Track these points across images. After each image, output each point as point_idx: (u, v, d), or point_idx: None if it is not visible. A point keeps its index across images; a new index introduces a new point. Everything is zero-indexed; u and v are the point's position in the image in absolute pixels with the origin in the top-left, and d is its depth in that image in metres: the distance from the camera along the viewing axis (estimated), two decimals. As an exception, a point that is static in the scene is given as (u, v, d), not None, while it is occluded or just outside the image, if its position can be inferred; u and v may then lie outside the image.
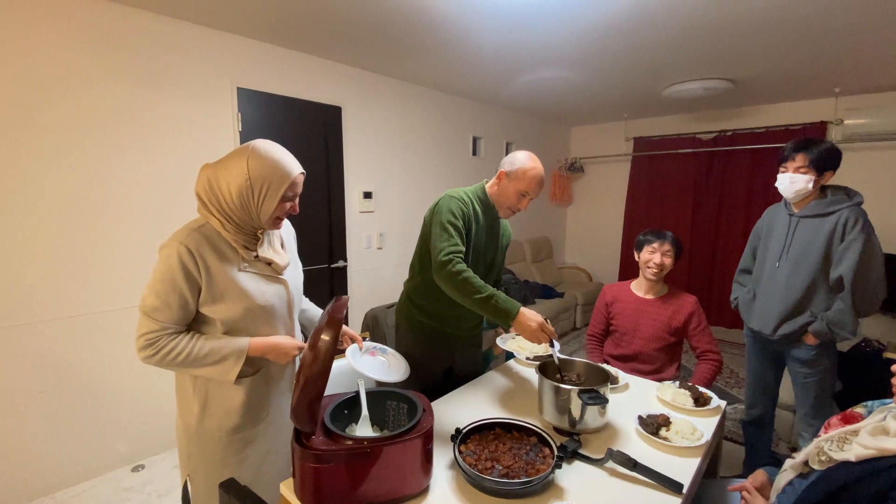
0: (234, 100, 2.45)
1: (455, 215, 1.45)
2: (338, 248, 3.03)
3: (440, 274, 1.39)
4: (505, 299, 1.35)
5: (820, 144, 1.74)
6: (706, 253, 4.53)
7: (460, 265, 1.37)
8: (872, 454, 0.93)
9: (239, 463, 1.18)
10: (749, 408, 2.10)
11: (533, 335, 1.33)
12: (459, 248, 1.41)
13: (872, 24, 2.21)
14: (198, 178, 1.09)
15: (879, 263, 1.68)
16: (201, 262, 1.05)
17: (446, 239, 1.41)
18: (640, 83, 3.40)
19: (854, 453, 0.97)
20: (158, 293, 1.04)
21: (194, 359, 1.06)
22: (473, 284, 1.35)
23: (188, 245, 1.04)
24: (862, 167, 3.59)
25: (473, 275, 1.38)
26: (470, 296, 1.35)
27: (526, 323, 1.32)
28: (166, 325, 1.05)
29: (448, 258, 1.38)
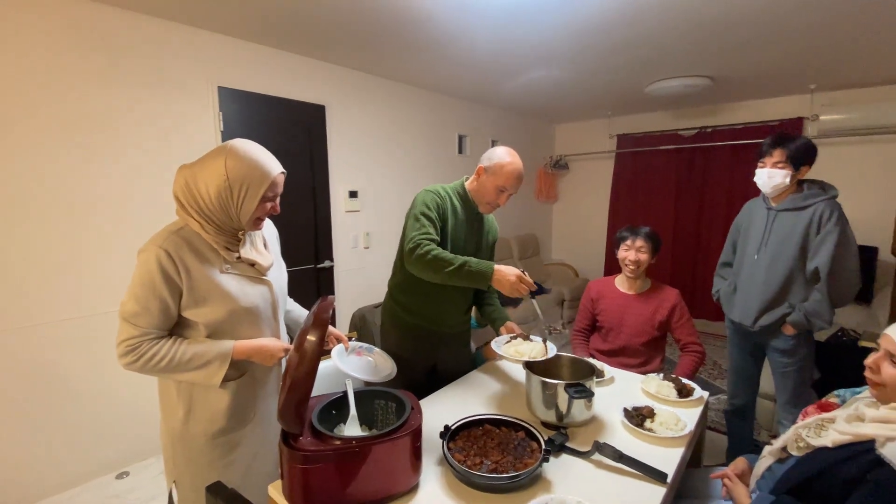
0: (216, 99, 2.41)
1: (428, 207, 1.47)
2: (324, 248, 3.01)
3: (409, 261, 1.40)
4: (478, 262, 1.35)
5: (796, 140, 1.79)
6: (689, 247, 4.62)
7: (428, 246, 1.37)
8: (848, 439, 0.97)
9: (226, 466, 1.17)
10: (731, 398, 2.15)
11: (513, 288, 1.32)
12: (429, 234, 1.41)
13: (845, 23, 2.27)
14: (175, 179, 1.08)
15: (854, 255, 1.73)
16: (181, 265, 1.04)
17: (416, 228, 1.43)
18: (622, 80, 3.44)
19: (830, 439, 1.01)
20: (138, 298, 1.02)
21: (177, 364, 1.05)
22: (444, 259, 1.35)
23: (167, 248, 1.03)
24: (837, 161, 3.69)
25: (442, 251, 1.38)
26: (443, 270, 1.34)
27: (504, 278, 1.32)
28: (147, 330, 1.03)
29: (415, 244, 1.39)
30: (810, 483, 0.99)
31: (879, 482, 0.87)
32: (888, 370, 0.95)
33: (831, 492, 0.94)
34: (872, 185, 3.56)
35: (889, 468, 0.86)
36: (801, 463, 1.05)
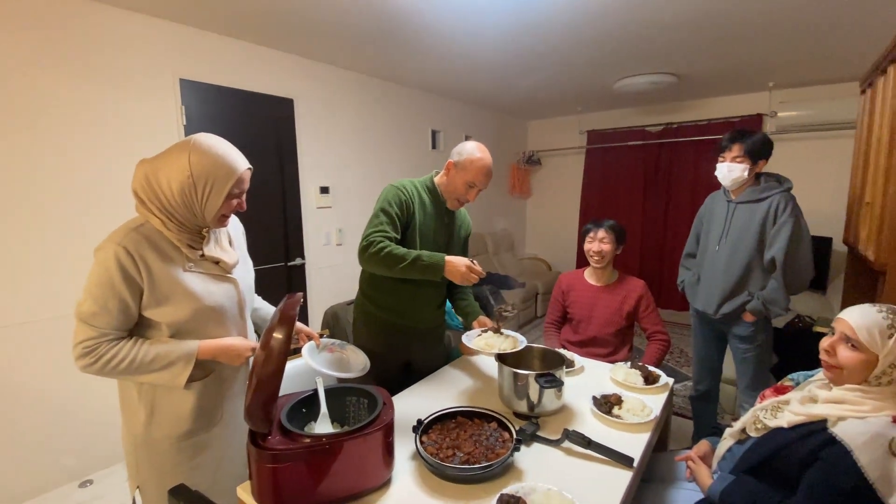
0: (178, 92, 2.33)
1: (390, 203, 1.46)
2: (294, 245, 2.95)
3: (363, 258, 1.42)
4: (430, 255, 1.39)
5: (753, 135, 1.86)
6: (656, 239, 4.76)
7: (381, 243, 1.39)
8: (802, 420, 1.02)
9: (192, 470, 1.14)
10: (696, 384, 2.24)
11: (464, 278, 1.37)
12: (385, 231, 1.42)
13: (800, 24, 2.38)
14: (134, 174, 1.03)
15: (807, 245, 1.81)
16: (141, 263, 1.00)
17: (374, 225, 1.44)
18: (592, 77, 3.50)
19: (786, 420, 1.06)
20: (96, 298, 0.98)
21: (139, 365, 1.01)
22: (397, 254, 1.37)
23: (126, 246, 0.99)
24: (794, 156, 3.86)
25: (395, 245, 1.40)
26: (397, 265, 1.37)
27: (455, 268, 1.37)
28: (106, 331, 1.00)
29: (366, 242, 1.41)
30: (768, 462, 1.05)
31: (830, 459, 0.92)
32: (844, 353, 1.00)
33: (787, 470, 0.99)
34: (826, 179, 3.74)
35: (840, 445, 0.91)
36: (758, 444, 1.10)
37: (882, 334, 0.95)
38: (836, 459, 0.91)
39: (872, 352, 0.96)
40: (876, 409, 0.94)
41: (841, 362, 1.00)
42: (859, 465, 0.88)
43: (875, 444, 0.88)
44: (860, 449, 0.89)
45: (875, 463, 0.87)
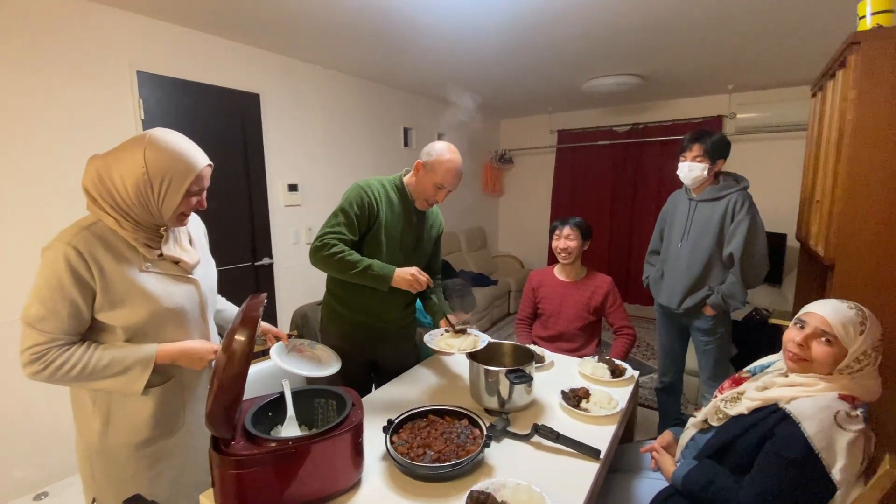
0: (135, 85, 2.23)
1: (351, 203, 1.45)
2: (262, 244, 2.88)
3: (314, 258, 1.43)
4: (381, 266, 1.41)
5: (712, 135, 1.93)
6: (624, 236, 4.89)
7: (335, 247, 1.40)
8: (759, 404, 1.08)
9: (153, 479, 1.09)
10: (661, 376, 2.31)
11: (410, 285, 1.41)
12: (340, 233, 1.42)
13: (757, 29, 2.48)
14: (85, 170, 0.98)
15: (763, 241, 1.90)
16: (94, 263, 0.95)
17: (330, 225, 1.44)
18: (561, 77, 3.55)
19: (745, 406, 1.11)
20: (44, 301, 0.92)
21: (92, 371, 0.96)
22: (349, 260, 1.39)
23: (76, 246, 0.94)
24: (752, 156, 4.04)
25: (349, 251, 1.41)
26: (348, 271, 1.40)
27: (402, 278, 1.40)
28: (55, 335, 0.94)
29: (319, 242, 1.41)
30: (728, 447, 1.10)
31: (781, 432, 0.98)
32: (817, 348, 1.03)
33: (747, 452, 1.04)
34: (781, 178, 3.92)
35: (790, 419, 0.97)
36: (720, 431, 1.15)
37: (855, 330, 1.00)
38: (787, 432, 0.97)
39: (844, 346, 1.01)
40: (826, 389, 1.01)
41: (813, 356, 1.04)
42: (807, 436, 0.93)
43: (822, 416, 0.94)
44: (808, 420, 0.95)
45: (821, 433, 0.93)
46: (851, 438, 0.92)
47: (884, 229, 1.35)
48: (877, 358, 1.02)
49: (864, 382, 1.01)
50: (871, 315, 1.03)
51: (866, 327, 1.01)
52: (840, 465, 0.91)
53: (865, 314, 1.03)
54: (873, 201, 1.36)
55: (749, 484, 0.99)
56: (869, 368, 1.01)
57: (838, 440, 0.92)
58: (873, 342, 1.01)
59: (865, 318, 1.02)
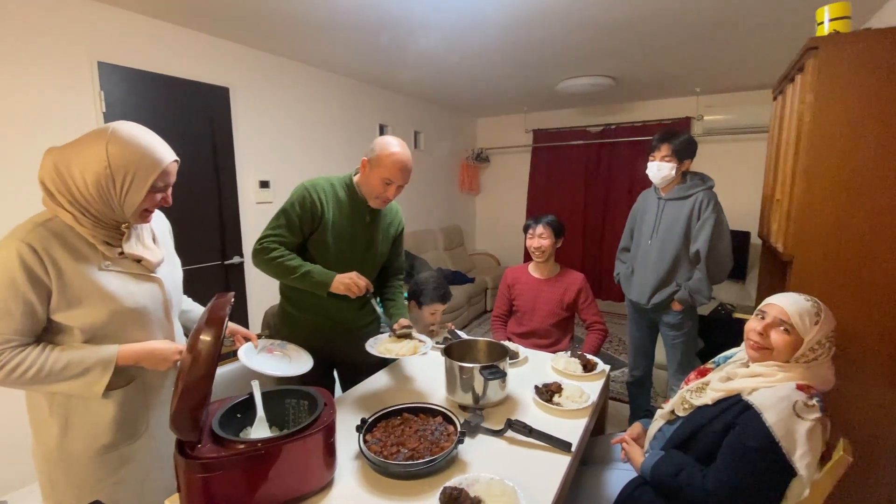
0: (96, 76, 2.13)
1: (293, 204, 1.44)
2: (232, 242, 2.80)
3: (256, 260, 1.43)
4: (321, 272, 1.41)
5: (680, 136, 1.99)
6: (596, 234, 4.99)
7: (275, 251, 1.41)
8: (723, 395, 1.12)
9: (116, 485, 1.05)
10: (631, 370, 2.37)
11: (349, 289, 1.40)
12: (281, 236, 1.42)
13: (722, 33, 2.57)
14: (42, 163, 0.93)
15: (727, 238, 1.97)
16: (49, 261, 0.90)
17: (271, 227, 1.44)
18: (536, 77, 3.60)
19: (710, 396, 1.15)
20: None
21: (48, 373, 0.92)
22: (288, 265, 1.40)
23: (31, 243, 0.89)
24: (718, 156, 4.20)
25: (289, 254, 1.42)
26: (288, 276, 1.41)
27: (340, 282, 1.40)
28: (8, 336, 0.89)
29: (259, 246, 1.42)
30: (694, 437, 1.13)
31: (744, 422, 1.03)
32: (776, 336, 1.10)
33: (711, 441, 1.09)
34: (745, 178, 4.08)
35: (752, 410, 1.02)
36: (686, 421, 1.19)
37: (811, 320, 1.07)
38: (749, 422, 1.01)
39: (801, 335, 1.07)
40: (785, 379, 1.06)
41: (772, 344, 1.10)
42: (767, 426, 0.98)
43: (781, 406, 0.99)
44: (769, 411, 0.99)
45: (781, 422, 0.97)
46: (809, 427, 0.96)
47: (837, 226, 1.43)
48: (830, 349, 1.08)
49: (819, 372, 1.07)
50: (825, 308, 1.10)
51: (821, 318, 1.07)
52: (800, 453, 0.95)
53: (820, 307, 1.09)
54: (828, 200, 1.43)
55: (714, 472, 1.02)
56: (823, 358, 1.07)
57: (797, 429, 0.96)
58: (827, 333, 1.07)
59: (820, 310, 1.09)
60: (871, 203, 1.37)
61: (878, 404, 1.41)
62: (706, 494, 1.01)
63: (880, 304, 1.39)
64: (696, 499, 1.03)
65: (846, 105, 1.38)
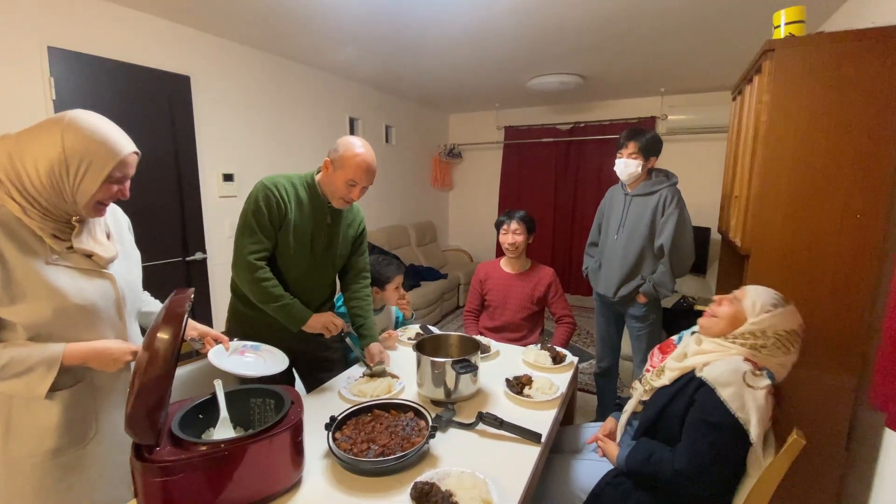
0: (45, 62, 1.99)
1: (259, 206, 1.38)
2: (194, 238, 2.69)
3: (243, 275, 1.41)
4: (301, 308, 1.44)
5: (646, 134, 2.05)
6: (566, 230, 5.08)
7: (262, 271, 1.40)
8: (678, 374, 1.18)
9: (62, 493, 0.99)
10: (599, 361, 2.43)
11: (326, 328, 1.46)
12: (262, 245, 1.40)
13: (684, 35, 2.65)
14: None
15: (689, 234, 2.04)
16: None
17: (248, 235, 1.39)
18: (506, 74, 3.61)
19: (668, 377, 1.20)
20: None
21: None
22: (272, 293, 1.41)
23: None
24: (681, 154, 4.34)
25: (274, 281, 1.42)
26: (268, 303, 1.41)
27: (317, 322, 1.45)
28: None
29: (247, 261, 1.38)
30: (659, 419, 1.18)
31: (701, 399, 1.08)
32: (724, 306, 1.19)
33: (675, 420, 1.13)
34: (706, 175, 4.24)
35: (707, 386, 1.08)
36: (649, 404, 1.23)
37: (762, 308, 1.14)
38: (706, 398, 1.07)
39: (745, 314, 1.14)
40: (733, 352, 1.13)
41: (719, 312, 1.19)
42: (722, 399, 1.04)
43: (732, 379, 1.05)
44: (722, 385, 1.05)
45: (735, 395, 1.03)
46: (760, 395, 1.03)
47: (790, 222, 1.50)
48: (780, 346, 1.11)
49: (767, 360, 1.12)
50: (789, 311, 1.14)
51: (773, 311, 1.13)
52: (753, 422, 1.01)
53: (781, 304, 1.14)
54: (782, 196, 1.50)
55: (681, 451, 1.08)
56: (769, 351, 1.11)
57: (748, 400, 1.03)
58: (777, 328, 1.12)
59: (779, 305, 1.14)
60: (822, 200, 1.45)
61: (827, 389, 1.49)
62: (676, 473, 1.06)
63: (829, 295, 1.47)
64: (668, 479, 1.08)
65: (800, 105, 1.45)
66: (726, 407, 1.03)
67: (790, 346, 1.12)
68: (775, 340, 1.11)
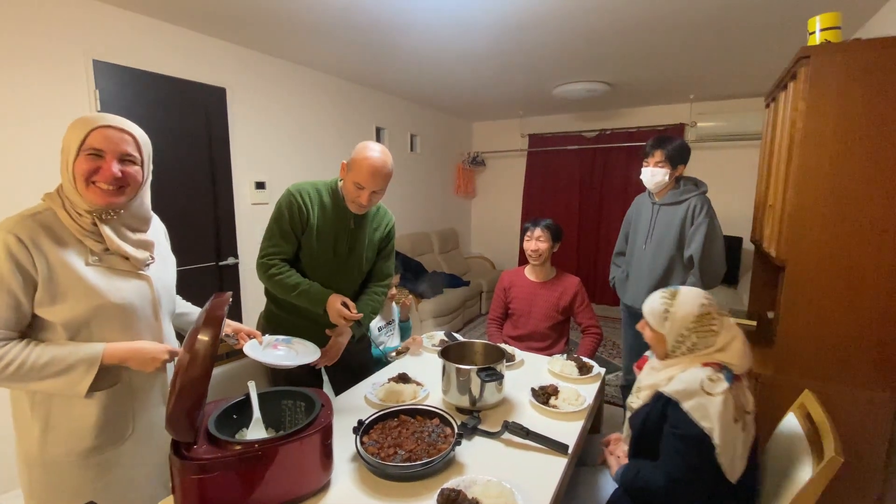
0: (91, 74, 2.11)
1: (282, 213, 1.45)
2: (227, 243, 2.78)
3: (259, 275, 1.47)
4: (319, 290, 1.45)
5: (673, 142, 2.01)
6: (591, 239, 5.02)
7: (280, 267, 1.44)
8: (649, 392, 1.17)
9: (99, 492, 1.02)
10: (626, 373, 2.38)
11: (335, 317, 1.42)
12: (281, 251, 1.45)
13: (717, 42, 2.61)
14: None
15: (720, 243, 1.99)
16: (37, 252, 0.90)
17: (268, 238, 1.47)
18: (532, 82, 3.62)
19: (642, 398, 1.19)
20: None
21: (30, 369, 0.90)
22: (288, 284, 1.43)
23: (18, 234, 0.88)
24: (711, 162, 4.24)
25: (288, 271, 1.45)
26: (288, 293, 1.44)
27: (332, 305, 1.42)
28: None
29: (264, 262, 1.45)
30: (641, 438, 1.18)
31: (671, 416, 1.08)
32: (647, 332, 1.21)
33: (653, 438, 1.13)
34: (737, 183, 4.13)
35: (672, 402, 1.07)
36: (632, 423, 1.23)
37: (661, 318, 1.15)
38: (673, 413, 1.07)
39: (659, 331, 1.15)
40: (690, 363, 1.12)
41: (647, 339, 1.21)
42: (686, 412, 1.03)
43: (691, 389, 1.04)
44: (683, 399, 1.05)
45: (696, 406, 1.03)
46: (719, 401, 1.01)
47: (828, 232, 1.45)
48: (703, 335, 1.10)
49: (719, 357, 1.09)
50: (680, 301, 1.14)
51: (670, 313, 1.14)
52: (717, 429, 1.00)
53: (668, 300, 1.15)
54: (820, 205, 1.45)
55: (661, 467, 1.08)
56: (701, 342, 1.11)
57: (709, 407, 1.01)
58: (685, 322, 1.11)
59: (669, 305, 1.14)
60: (861, 209, 1.40)
61: (866, 405, 1.43)
62: (659, 489, 1.07)
63: (869, 308, 1.41)
64: (656, 494, 1.08)
65: (837, 113, 1.41)
66: (690, 418, 1.03)
67: (710, 325, 1.11)
68: (696, 334, 1.11)
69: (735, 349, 1.10)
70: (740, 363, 1.09)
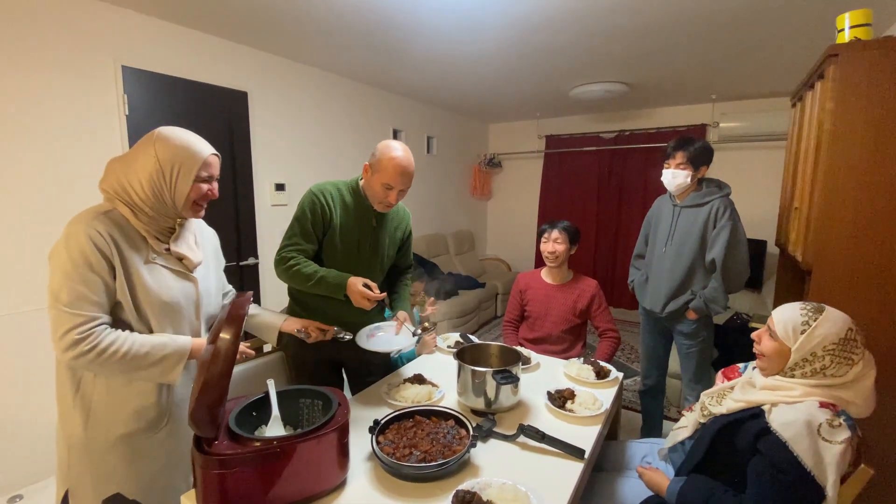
0: (119, 80, 2.19)
1: (304, 211, 1.46)
2: (247, 244, 2.84)
3: (277, 271, 1.46)
4: (337, 275, 1.41)
5: (695, 143, 1.97)
6: (609, 241, 4.96)
7: (291, 260, 1.43)
8: (742, 406, 1.09)
9: (129, 477, 1.07)
10: (644, 378, 2.34)
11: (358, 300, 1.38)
12: (298, 245, 1.45)
13: (740, 40, 2.55)
14: (104, 175, 1.03)
15: (744, 247, 1.94)
16: (114, 245, 0.98)
17: (288, 237, 1.47)
18: (550, 83, 3.60)
19: (726, 407, 1.13)
20: (74, 282, 0.93)
21: (133, 357, 0.98)
22: (304, 273, 1.41)
23: (97, 227, 0.96)
24: (734, 163, 4.14)
25: (304, 263, 1.42)
26: (306, 283, 1.41)
27: (353, 289, 1.37)
28: (94, 314, 0.96)
29: (280, 256, 1.45)
30: (713, 453, 1.10)
31: (770, 451, 0.97)
32: (766, 342, 1.09)
33: (733, 461, 1.05)
34: (761, 185, 4.03)
35: (775, 436, 0.96)
36: (703, 434, 1.15)
37: (795, 330, 1.03)
38: (776, 452, 0.95)
39: (785, 344, 1.04)
40: (804, 394, 1.01)
41: (762, 350, 1.10)
42: (795, 454, 0.92)
43: (806, 432, 0.93)
44: (794, 440, 0.94)
45: (808, 451, 0.92)
46: (840, 451, 0.91)
47: (858, 235, 1.40)
48: (839, 362, 0.99)
49: (841, 395, 0.99)
50: (826, 318, 1.01)
51: (810, 328, 1.01)
52: (832, 481, 0.90)
53: (812, 317, 1.02)
54: (849, 208, 1.41)
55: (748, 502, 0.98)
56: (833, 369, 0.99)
57: (826, 455, 0.91)
58: (824, 343, 1.00)
59: (811, 319, 1.02)
60: (892, 212, 1.35)
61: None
62: None
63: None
64: None
65: (867, 113, 1.36)
66: (801, 464, 0.92)
67: (851, 354, 0.98)
68: (831, 358, 0.99)
69: (864, 388, 1.00)
70: (864, 405, 0.99)
